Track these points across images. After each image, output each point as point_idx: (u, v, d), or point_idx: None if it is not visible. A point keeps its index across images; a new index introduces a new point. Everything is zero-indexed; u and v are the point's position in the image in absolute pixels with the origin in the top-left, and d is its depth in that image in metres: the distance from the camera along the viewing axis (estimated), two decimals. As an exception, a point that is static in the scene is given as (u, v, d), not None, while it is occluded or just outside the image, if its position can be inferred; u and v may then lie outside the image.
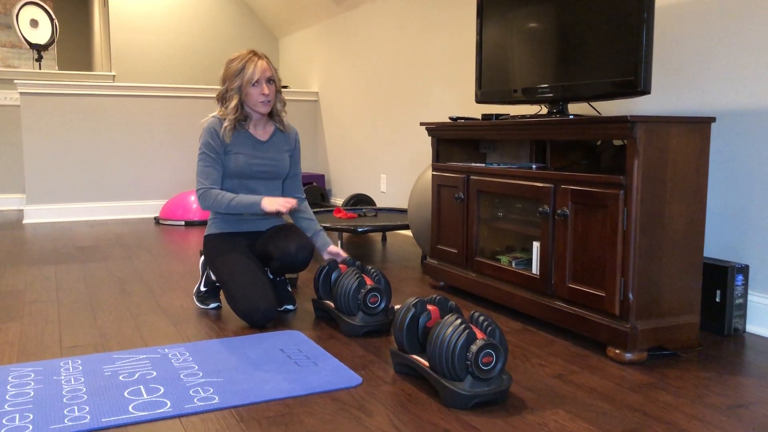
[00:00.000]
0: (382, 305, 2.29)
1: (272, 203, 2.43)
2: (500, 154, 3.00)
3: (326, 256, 2.61)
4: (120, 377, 1.85)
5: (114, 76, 6.57)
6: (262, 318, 2.33)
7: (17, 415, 1.60)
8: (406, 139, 4.62)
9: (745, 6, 2.30)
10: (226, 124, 2.50)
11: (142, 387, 1.78)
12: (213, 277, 2.63)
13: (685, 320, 2.08)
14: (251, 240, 2.59)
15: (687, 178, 2.04)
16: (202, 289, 2.65)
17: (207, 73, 6.98)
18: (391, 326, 2.30)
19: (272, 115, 2.62)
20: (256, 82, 2.47)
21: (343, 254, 2.59)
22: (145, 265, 3.49)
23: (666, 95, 2.60)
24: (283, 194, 2.69)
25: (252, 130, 2.58)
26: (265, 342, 2.18)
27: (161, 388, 1.78)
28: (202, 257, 2.71)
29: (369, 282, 2.32)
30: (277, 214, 2.46)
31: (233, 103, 2.50)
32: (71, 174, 5.29)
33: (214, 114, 2.56)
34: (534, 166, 2.50)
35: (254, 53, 2.51)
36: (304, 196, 2.74)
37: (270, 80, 2.50)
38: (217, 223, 2.59)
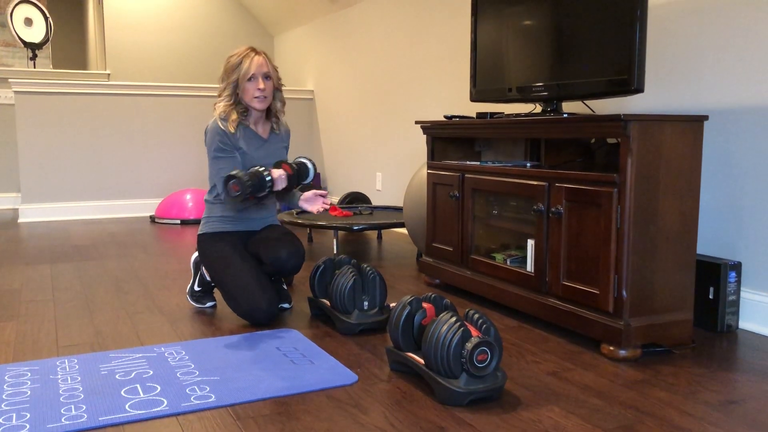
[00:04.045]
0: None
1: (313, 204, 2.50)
2: (495, 153, 3.01)
3: (306, 206, 2.56)
4: (116, 376, 1.86)
5: (109, 74, 6.55)
6: (265, 317, 2.34)
7: (14, 415, 1.60)
8: (402, 138, 4.62)
9: (737, 5, 2.31)
10: (232, 116, 2.49)
11: (138, 386, 1.79)
12: (207, 278, 2.63)
13: (678, 317, 2.09)
14: (245, 240, 2.59)
15: (680, 176, 2.06)
16: (197, 288, 2.65)
17: (202, 72, 6.97)
18: (386, 324, 2.31)
19: (269, 115, 2.62)
20: (251, 77, 2.46)
21: (321, 192, 2.57)
22: (140, 263, 3.49)
23: (659, 94, 2.61)
24: None
25: (253, 126, 2.57)
26: (261, 340, 2.19)
27: (158, 386, 1.78)
28: (194, 256, 2.71)
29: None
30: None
31: (229, 99, 2.50)
32: (66, 173, 5.28)
33: (215, 118, 2.56)
34: (528, 165, 2.50)
35: (252, 49, 2.52)
36: None
37: (266, 76, 2.49)
38: (212, 222, 2.58)
